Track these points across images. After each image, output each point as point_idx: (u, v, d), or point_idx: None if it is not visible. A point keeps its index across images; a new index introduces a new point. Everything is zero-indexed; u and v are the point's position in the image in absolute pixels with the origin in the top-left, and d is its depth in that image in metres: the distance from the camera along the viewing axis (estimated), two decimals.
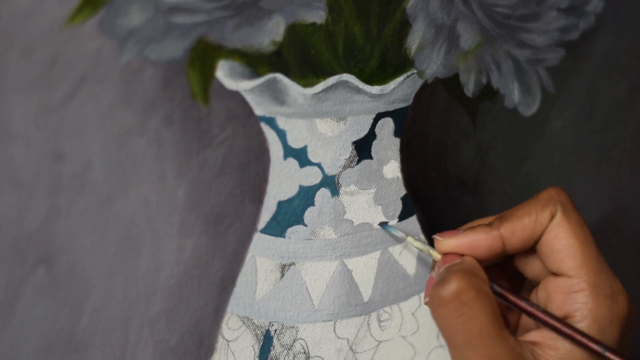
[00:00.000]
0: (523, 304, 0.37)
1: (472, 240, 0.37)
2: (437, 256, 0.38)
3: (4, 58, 0.30)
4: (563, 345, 0.36)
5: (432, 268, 0.39)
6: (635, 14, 0.50)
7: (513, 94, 0.46)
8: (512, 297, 0.37)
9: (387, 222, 0.42)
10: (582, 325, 0.35)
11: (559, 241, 0.36)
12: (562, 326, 0.35)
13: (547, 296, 0.37)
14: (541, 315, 0.36)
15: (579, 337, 0.35)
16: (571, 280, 0.36)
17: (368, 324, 0.42)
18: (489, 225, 0.37)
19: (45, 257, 0.33)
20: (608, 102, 0.51)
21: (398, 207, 0.43)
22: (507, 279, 0.41)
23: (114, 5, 0.32)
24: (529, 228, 0.36)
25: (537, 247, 0.37)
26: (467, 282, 0.34)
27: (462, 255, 0.37)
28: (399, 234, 0.42)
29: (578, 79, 0.49)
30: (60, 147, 0.33)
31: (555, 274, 0.37)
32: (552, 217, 0.36)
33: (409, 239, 0.41)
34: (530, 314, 0.37)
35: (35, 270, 0.33)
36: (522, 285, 0.41)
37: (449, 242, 0.37)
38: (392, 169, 0.42)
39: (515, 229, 0.36)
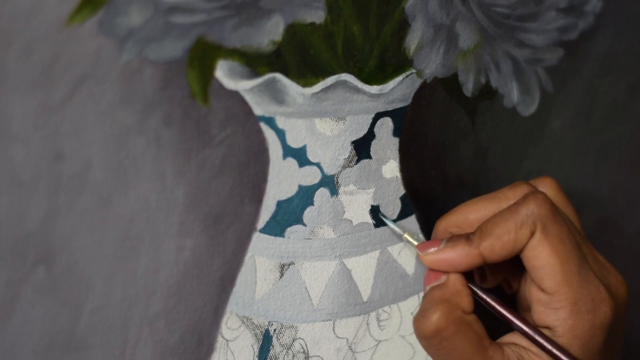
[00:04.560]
0: (507, 315, 0.38)
1: (453, 259, 0.38)
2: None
3: (4, 58, 0.30)
4: None
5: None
6: (635, 13, 0.50)
7: (512, 94, 0.46)
8: (499, 308, 0.38)
9: (386, 216, 0.42)
10: (562, 340, 0.36)
11: (538, 260, 0.37)
12: (544, 341, 0.36)
13: (531, 303, 0.38)
14: (522, 327, 0.37)
15: (555, 352, 0.36)
16: (552, 297, 0.36)
17: (367, 324, 0.42)
18: (469, 241, 0.38)
19: (45, 257, 0.33)
20: (607, 101, 0.51)
21: (397, 206, 0.43)
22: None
23: (114, 5, 0.32)
24: (509, 246, 0.37)
25: (521, 257, 0.38)
26: (446, 318, 0.35)
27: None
28: (396, 229, 0.42)
29: (577, 79, 0.49)
30: (60, 147, 0.33)
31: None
32: (532, 234, 0.37)
33: (406, 234, 0.41)
34: (512, 324, 0.38)
35: (35, 270, 0.33)
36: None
37: (431, 257, 0.38)
38: (391, 169, 0.42)
39: (494, 247, 0.37)
